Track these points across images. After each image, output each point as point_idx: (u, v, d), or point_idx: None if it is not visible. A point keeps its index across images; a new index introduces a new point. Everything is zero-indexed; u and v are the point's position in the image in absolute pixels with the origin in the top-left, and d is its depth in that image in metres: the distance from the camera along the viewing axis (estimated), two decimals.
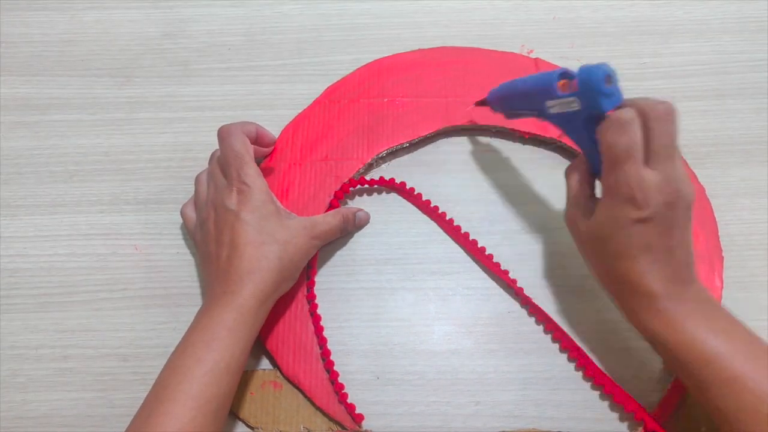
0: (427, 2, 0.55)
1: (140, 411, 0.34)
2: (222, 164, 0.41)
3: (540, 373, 0.40)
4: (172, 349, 0.41)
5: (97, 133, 0.49)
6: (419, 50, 0.52)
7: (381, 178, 0.46)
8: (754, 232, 0.45)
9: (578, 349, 0.41)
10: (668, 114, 0.33)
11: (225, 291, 0.37)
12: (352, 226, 0.44)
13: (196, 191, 0.43)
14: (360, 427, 0.39)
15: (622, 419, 0.39)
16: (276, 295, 0.39)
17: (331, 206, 0.45)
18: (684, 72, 0.51)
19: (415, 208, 0.46)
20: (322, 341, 0.41)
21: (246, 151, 0.40)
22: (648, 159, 0.33)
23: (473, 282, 0.43)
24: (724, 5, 0.55)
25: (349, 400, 0.39)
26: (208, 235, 0.39)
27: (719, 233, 0.44)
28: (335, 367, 0.40)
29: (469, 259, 0.44)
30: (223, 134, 0.41)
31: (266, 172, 0.46)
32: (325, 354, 0.41)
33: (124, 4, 0.55)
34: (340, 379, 0.40)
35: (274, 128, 0.48)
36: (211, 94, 0.51)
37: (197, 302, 0.43)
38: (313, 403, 0.40)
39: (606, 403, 0.40)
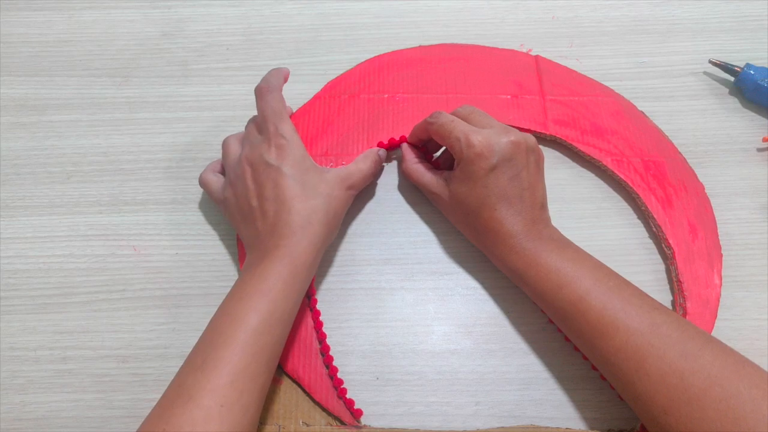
0: (426, 2, 0.55)
1: (192, 357, 0.34)
2: (258, 121, 0.41)
3: (540, 373, 0.40)
4: (171, 350, 0.41)
5: (96, 133, 0.49)
6: (420, 47, 0.52)
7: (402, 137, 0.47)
8: (752, 231, 0.45)
9: None
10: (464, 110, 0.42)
11: (278, 245, 0.37)
12: (380, 167, 0.46)
13: (225, 153, 0.43)
14: (359, 422, 0.39)
15: (621, 419, 0.39)
16: (324, 247, 0.40)
17: None
18: (682, 71, 0.51)
19: (413, 207, 0.46)
20: (321, 336, 0.41)
21: (283, 107, 0.41)
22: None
23: (472, 282, 0.43)
24: (722, 4, 0.55)
25: (348, 396, 0.39)
26: (247, 190, 0.39)
27: (718, 230, 0.44)
28: (335, 363, 0.40)
29: (468, 259, 0.44)
30: (261, 91, 0.41)
31: None
32: (325, 349, 0.40)
33: (123, 4, 0.55)
34: (339, 375, 0.40)
35: None
36: (209, 94, 0.51)
37: (196, 303, 0.43)
38: (312, 399, 0.40)
39: (605, 404, 0.40)
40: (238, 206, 0.40)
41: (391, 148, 0.47)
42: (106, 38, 0.53)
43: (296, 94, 0.49)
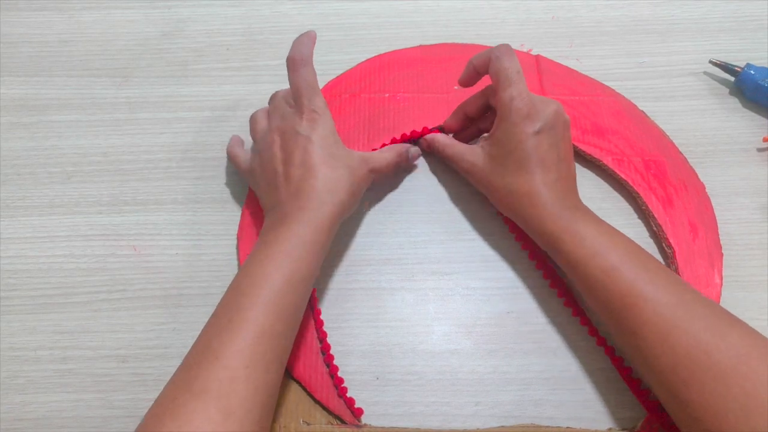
0: (426, 2, 0.55)
1: (216, 318, 0.35)
2: (291, 94, 0.41)
3: (540, 373, 0.40)
4: (171, 350, 0.41)
5: (96, 133, 0.49)
6: (421, 46, 0.52)
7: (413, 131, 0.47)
8: (753, 231, 0.45)
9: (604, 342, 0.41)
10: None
11: (301, 207, 0.38)
12: (405, 161, 0.45)
13: (254, 126, 0.44)
14: (359, 421, 0.39)
15: (621, 419, 0.39)
16: (343, 217, 0.40)
17: None
18: (682, 71, 0.51)
19: (413, 207, 0.46)
20: (322, 335, 0.41)
21: (315, 81, 0.41)
22: None
23: (473, 282, 0.43)
24: (722, 4, 0.55)
25: (348, 395, 0.39)
26: (273, 157, 0.40)
27: (718, 230, 0.44)
28: (335, 362, 0.40)
29: (468, 259, 0.44)
30: (295, 63, 0.40)
31: None
32: (325, 348, 0.40)
33: (123, 4, 0.55)
34: (340, 374, 0.40)
35: None
36: (209, 94, 0.51)
37: (196, 303, 0.43)
38: (312, 397, 0.39)
39: (606, 403, 0.40)
40: (263, 174, 0.41)
41: (405, 141, 0.47)
42: (106, 38, 0.53)
43: None
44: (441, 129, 0.47)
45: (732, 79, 0.50)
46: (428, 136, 0.46)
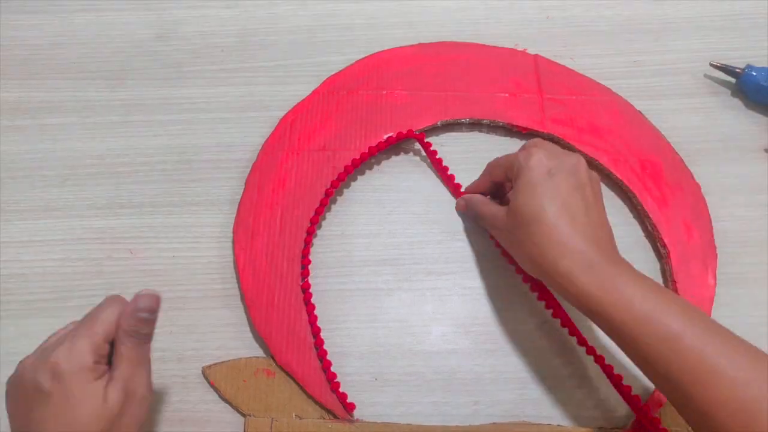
0: (421, 2, 0.55)
1: None
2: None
3: (537, 372, 0.41)
4: (168, 353, 0.41)
5: (91, 136, 0.49)
6: (419, 44, 0.52)
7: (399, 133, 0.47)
8: (748, 228, 0.45)
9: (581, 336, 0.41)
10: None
11: None
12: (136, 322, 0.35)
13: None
14: (352, 416, 0.39)
15: (618, 418, 0.39)
16: None
17: (327, 196, 0.45)
18: (676, 69, 0.52)
19: (409, 207, 0.46)
20: (315, 331, 0.41)
21: (102, 328, 0.34)
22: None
23: (470, 282, 0.43)
24: (715, 2, 0.55)
25: (347, 396, 0.39)
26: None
27: (713, 230, 0.44)
28: (328, 358, 0.40)
29: (465, 259, 0.44)
30: (106, 301, 0.35)
31: (264, 161, 0.46)
32: (318, 343, 0.40)
33: (116, 6, 0.55)
34: (338, 376, 0.40)
35: (268, 130, 0.48)
36: (204, 95, 0.51)
37: (193, 306, 0.43)
38: (305, 392, 0.39)
39: (603, 402, 0.40)
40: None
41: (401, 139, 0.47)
42: (100, 41, 0.53)
43: (291, 95, 0.49)
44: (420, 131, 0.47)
45: (733, 80, 0.50)
46: (466, 197, 0.44)
